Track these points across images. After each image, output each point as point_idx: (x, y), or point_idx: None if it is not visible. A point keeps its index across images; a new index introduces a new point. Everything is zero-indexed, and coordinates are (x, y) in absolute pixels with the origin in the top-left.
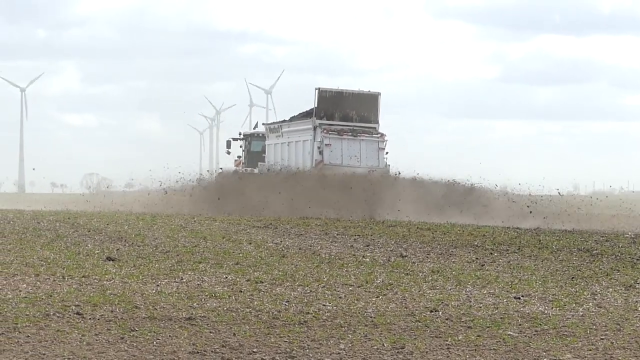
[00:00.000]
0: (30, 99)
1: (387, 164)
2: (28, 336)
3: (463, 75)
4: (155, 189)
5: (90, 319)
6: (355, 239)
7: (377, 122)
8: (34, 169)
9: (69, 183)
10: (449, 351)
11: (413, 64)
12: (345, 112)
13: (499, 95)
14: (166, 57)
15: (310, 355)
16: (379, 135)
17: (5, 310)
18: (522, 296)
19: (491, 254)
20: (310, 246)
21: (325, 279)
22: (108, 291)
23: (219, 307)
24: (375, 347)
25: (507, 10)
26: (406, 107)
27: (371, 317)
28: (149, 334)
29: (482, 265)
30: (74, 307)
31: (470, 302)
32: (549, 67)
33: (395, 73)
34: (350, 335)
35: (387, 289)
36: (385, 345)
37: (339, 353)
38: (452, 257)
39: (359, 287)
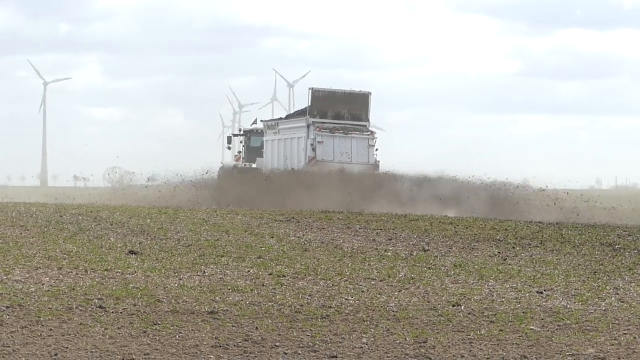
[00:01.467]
0: (54, 93)
1: (377, 160)
2: (51, 329)
3: (485, 69)
4: (176, 182)
5: (112, 312)
6: (377, 233)
7: (368, 120)
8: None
9: (91, 176)
10: (471, 345)
11: (435, 58)
12: (337, 110)
13: (521, 90)
14: (189, 51)
15: (333, 349)
16: (369, 132)
17: (28, 303)
18: (545, 290)
19: (513, 248)
20: (333, 240)
21: (348, 273)
22: (130, 285)
23: (242, 300)
24: (398, 341)
25: (529, 5)
26: (428, 101)
27: (393, 311)
28: (171, 327)
29: (505, 260)
30: (96, 301)
31: (492, 296)
32: (572, 62)
33: (417, 67)
34: (372, 329)
35: (410, 283)
36: (407, 339)
37: (361, 347)
38: (474, 251)
39: (381, 281)
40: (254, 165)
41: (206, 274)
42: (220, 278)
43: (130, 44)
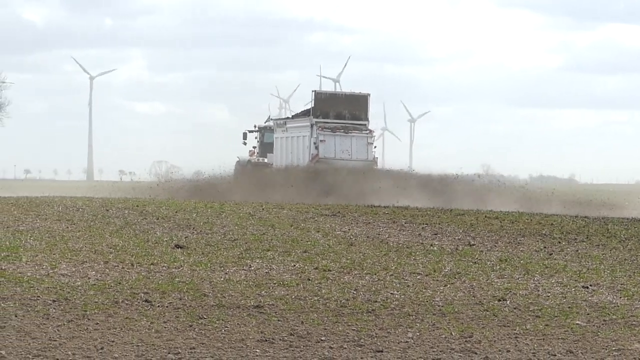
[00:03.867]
0: (98, 87)
1: (375, 156)
2: (97, 323)
3: (528, 64)
4: (223, 176)
5: (158, 306)
6: (423, 228)
7: (367, 120)
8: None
9: (137, 170)
10: (517, 340)
11: (478, 52)
12: (339, 111)
13: (564, 85)
14: (232, 46)
15: (378, 343)
16: (367, 131)
17: (75, 297)
18: (590, 285)
19: (559, 242)
20: (378, 234)
21: (393, 268)
22: (176, 279)
23: (287, 295)
24: (443, 336)
25: (572, 0)
26: (471, 95)
27: (439, 306)
28: (217, 321)
29: (550, 254)
30: (142, 295)
31: (538, 291)
32: (615, 56)
33: (461, 62)
34: (418, 324)
35: (455, 278)
36: (452, 334)
37: (406, 342)
38: (520, 245)
39: (426, 275)
40: (265, 160)
41: (252, 268)
42: (266, 272)
43: (173, 38)
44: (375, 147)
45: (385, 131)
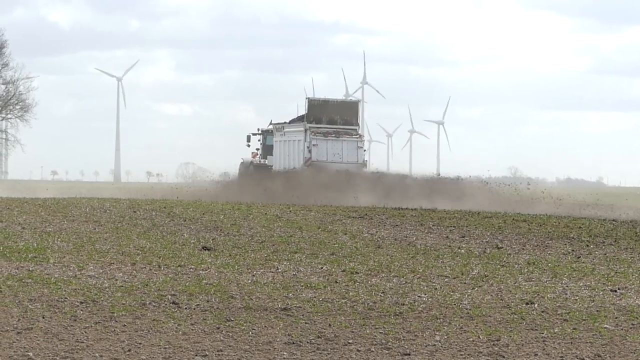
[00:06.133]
0: (126, 88)
1: (365, 159)
2: (124, 325)
3: (555, 66)
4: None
5: (186, 308)
6: (450, 230)
7: (358, 125)
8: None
9: (164, 172)
10: (545, 344)
11: (505, 55)
12: (331, 116)
13: (592, 87)
14: (258, 47)
15: (406, 346)
16: (358, 136)
17: (102, 299)
18: (619, 289)
19: (587, 246)
20: (406, 237)
21: (421, 270)
22: (204, 281)
23: (315, 297)
24: (471, 339)
25: (600, 2)
26: (499, 98)
27: (467, 309)
28: (244, 324)
29: (578, 258)
30: (170, 297)
31: (566, 294)
32: None
33: (487, 64)
34: (445, 327)
35: (483, 281)
36: (480, 337)
37: (434, 345)
38: (547, 249)
39: (454, 278)
40: (266, 162)
41: (279, 270)
42: (293, 274)
43: (199, 40)
44: (365, 150)
45: (414, 133)
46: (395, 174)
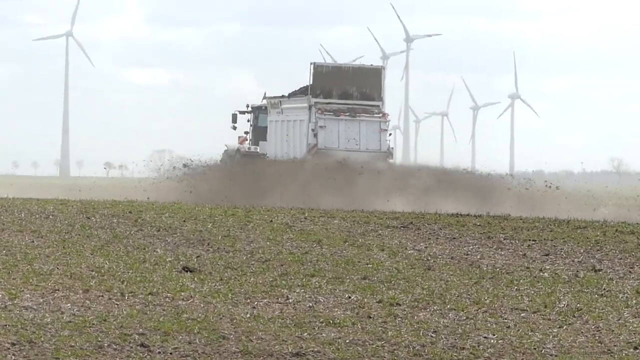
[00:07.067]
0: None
1: (391, 147)
2: None
3: None
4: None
5: (159, 352)
6: (529, 245)
7: (381, 100)
8: None
9: (130, 164)
10: None
11: (602, 1)
12: (345, 89)
13: None
14: None
15: None
16: (380, 115)
17: (42, 339)
18: None
19: None
20: (467, 255)
21: (488, 301)
22: (184, 315)
23: (339, 338)
24: None
25: None
26: (596, 63)
27: (552, 355)
28: None
29: None
30: (137, 337)
31: None
32: None
33: (579, 14)
34: None
35: (574, 316)
36: None
37: None
38: None
39: (534, 312)
40: (258, 149)
41: (290, 300)
42: (309, 306)
43: None
44: (390, 134)
45: (478, 109)
46: (454, 168)
